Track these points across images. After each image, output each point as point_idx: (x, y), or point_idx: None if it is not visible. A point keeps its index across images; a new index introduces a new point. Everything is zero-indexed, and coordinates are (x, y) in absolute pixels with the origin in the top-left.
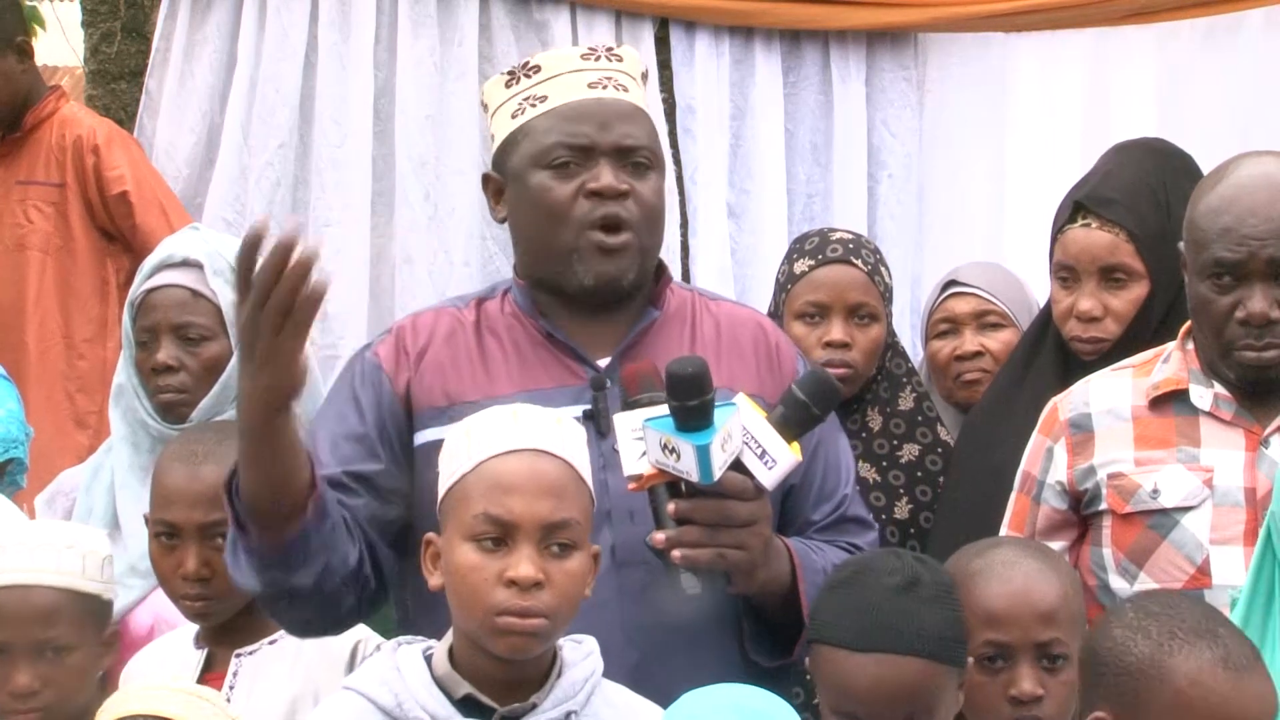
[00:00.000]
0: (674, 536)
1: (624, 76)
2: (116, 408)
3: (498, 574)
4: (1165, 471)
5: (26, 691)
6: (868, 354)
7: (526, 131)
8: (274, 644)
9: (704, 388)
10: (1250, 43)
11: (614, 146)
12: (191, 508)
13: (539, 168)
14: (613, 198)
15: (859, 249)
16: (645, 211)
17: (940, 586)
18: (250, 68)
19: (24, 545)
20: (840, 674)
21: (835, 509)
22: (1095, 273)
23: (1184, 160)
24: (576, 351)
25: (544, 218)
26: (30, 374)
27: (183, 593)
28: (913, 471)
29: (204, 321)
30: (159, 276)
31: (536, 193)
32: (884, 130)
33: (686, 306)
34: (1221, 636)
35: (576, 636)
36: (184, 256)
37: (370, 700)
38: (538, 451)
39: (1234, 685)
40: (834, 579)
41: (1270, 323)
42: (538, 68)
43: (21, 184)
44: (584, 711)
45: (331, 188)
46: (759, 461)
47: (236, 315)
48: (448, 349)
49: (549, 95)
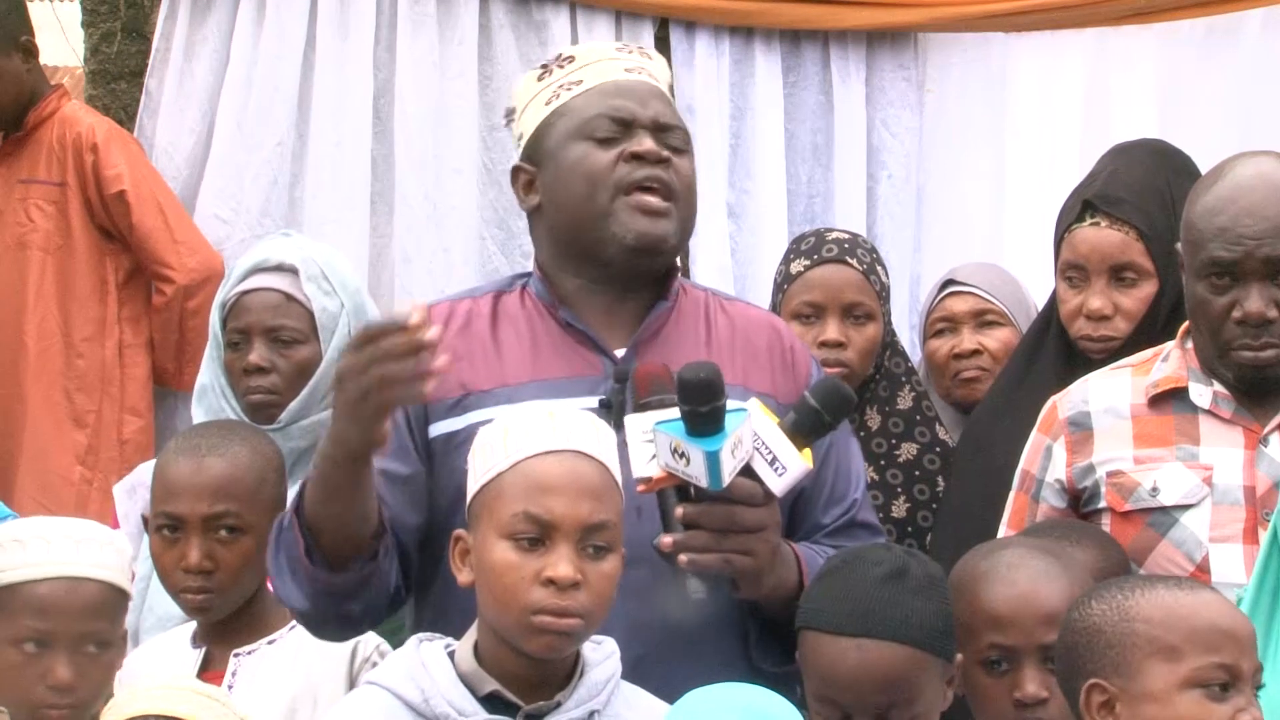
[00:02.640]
0: (681, 541)
1: (655, 71)
2: (200, 407)
3: (535, 573)
4: (1164, 470)
5: (67, 685)
6: (863, 353)
7: (563, 112)
8: (273, 644)
9: (715, 393)
10: (1250, 43)
11: (654, 121)
12: (196, 499)
13: (580, 139)
14: (655, 162)
15: (854, 248)
16: (684, 184)
17: (928, 578)
18: (248, 66)
19: (69, 538)
20: (824, 659)
21: (844, 513)
22: (1105, 271)
23: (1184, 160)
24: (594, 341)
25: (583, 183)
26: (29, 373)
27: (184, 586)
28: (911, 470)
29: (296, 325)
30: (253, 279)
31: (576, 160)
32: (884, 130)
33: (701, 304)
34: (1165, 579)
35: (596, 637)
36: (279, 261)
37: (396, 695)
38: (577, 453)
39: (1196, 597)
40: (825, 567)
41: (1267, 322)
42: (571, 58)
43: (23, 183)
44: (606, 711)
45: (330, 187)
46: (769, 468)
47: (342, 360)
48: (462, 339)
49: (584, 80)
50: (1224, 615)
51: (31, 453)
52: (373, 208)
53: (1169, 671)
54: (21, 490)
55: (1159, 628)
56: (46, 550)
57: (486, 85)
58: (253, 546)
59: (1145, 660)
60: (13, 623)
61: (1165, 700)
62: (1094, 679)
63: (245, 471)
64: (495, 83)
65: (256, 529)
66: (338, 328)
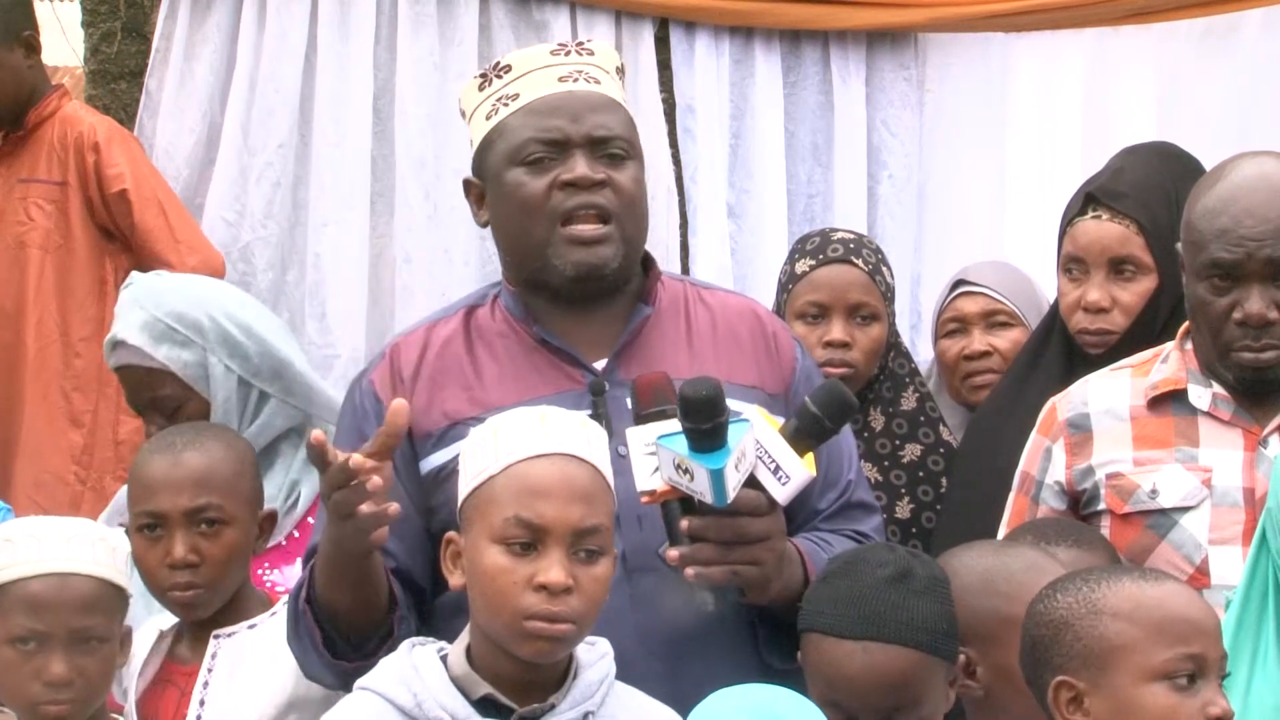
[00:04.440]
0: (688, 554)
1: (596, 70)
2: None
3: (527, 578)
4: (1164, 471)
5: (63, 681)
6: (868, 354)
7: (500, 131)
8: (253, 628)
9: (717, 410)
10: (1249, 43)
11: (587, 138)
12: (176, 494)
13: (514, 165)
14: (587, 188)
15: (860, 249)
16: (625, 200)
17: (932, 580)
18: (250, 68)
19: (59, 535)
20: (829, 662)
21: (840, 495)
22: (1105, 264)
23: (1193, 164)
24: (572, 355)
25: (519, 214)
26: (27, 372)
27: (171, 583)
28: (915, 471)
29: (170, 391)
30: (115, 357)
31: (511, 190)
32: (884, 130)
33: (679, 299)
34: (1129, 570)
35: (590, 639)
36: (119, 339)
37: (388, 700)
38: (568, 456)
39: (1161, 589)
40: (827, 570)
41: (1268, 323)
42: (508, 67)
43: (23, 182)
44: (600, 712)
45: (331, 187)
46: (773, 477)
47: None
48: (440, 369)
49: (520, 93)
50: (1190, 606)
51: (28, 451)
52: (373, 208)
53: (1138, 664)
54: (17, 489)
55: (1126, 620)
56: (37, 548)
57: None
58: (235, 538)
59: (1114, 653)
60: (6, 621)
61: (1135, 693)
62: (1061, 676)
63: (222, 464)
64: None
65: (238, 521)
66: (210, 371)
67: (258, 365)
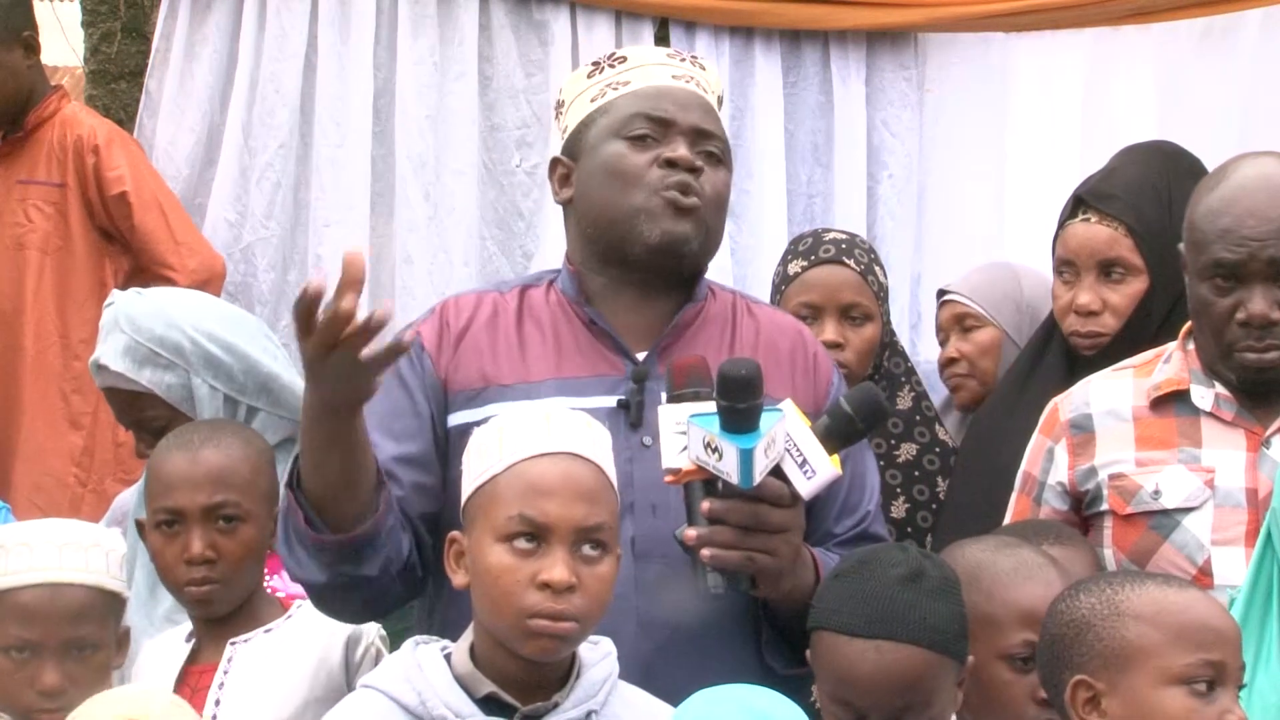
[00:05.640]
0: (706, 535)
1: (706, 82)
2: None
3: (530, 576)
4: (1166, 472)
5: (56, 690)
6: (861, 354)
7: (605, 110)
8: (269, 632)
9: (755, 391)
10: (1249, 43)
11: (692, 128)
12: (195, 490)
13: (616, 137)
14: (687, 169)
15: (852, 249)
16: (714, 197)
17: (943, 580)
18: (250, 68)
19: (51, 543)
20: (840, 660)
21: (856, 524)
22: (1094, 267)
23: (1191, 162)
24: (616, 341)
25: (616, 180)
26: (26, 374)
27: (187, 579)
28: (910, 471)
29: (158, 412)
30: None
31: (612, 159)
32: (884, 130)
33: (728, 307)
34: (1153, 575)
35: (593, 638)
36: (103, 365)
37: (393, 699)
38: (572, 455)
39: (1185, 595)
40: (839, 568)
41: (1271, 324)
42: (623, 59)
43: (22, 183)
44: (603, 711)
45: (331, 188)
46: (799, 470)
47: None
48: (487, 332)
49: (632, 80)
50: (1213, 614)
51: (27, 454)
52: (373, 208)
53: (1158, 668)
54: (17, 492)
55: (1149, 624)
56: (29, 557)
57: (487, 86)
58: (252, 535)
59: (1134, 655)
60: None
61: (1153, 696)
62: (1080, 675)
63: (240, 461)
64: (495, 83)
65: (255, 518)
66: (195, 393)
67: (243, 383)
